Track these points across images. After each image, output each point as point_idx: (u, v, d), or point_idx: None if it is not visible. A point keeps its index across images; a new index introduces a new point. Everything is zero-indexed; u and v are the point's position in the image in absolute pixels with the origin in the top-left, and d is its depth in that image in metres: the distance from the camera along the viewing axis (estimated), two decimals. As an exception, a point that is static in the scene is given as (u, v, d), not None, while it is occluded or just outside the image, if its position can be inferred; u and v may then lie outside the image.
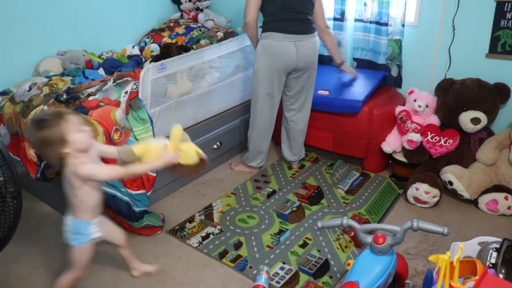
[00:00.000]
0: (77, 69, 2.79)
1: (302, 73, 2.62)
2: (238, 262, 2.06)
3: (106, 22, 3.22)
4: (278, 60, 2.51)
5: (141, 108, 2.25)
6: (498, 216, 2.39)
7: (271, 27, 2.49)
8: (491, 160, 2.44)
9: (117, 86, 2.35)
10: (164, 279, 1.97)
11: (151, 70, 2.29)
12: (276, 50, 2.49)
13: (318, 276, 1.97)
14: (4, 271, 2.04)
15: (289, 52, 2.49)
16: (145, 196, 2.29)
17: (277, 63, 2.51)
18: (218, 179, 2.83)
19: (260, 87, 2.60)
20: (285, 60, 2.51)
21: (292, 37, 2.47)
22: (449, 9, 2.64)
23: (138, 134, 2.23)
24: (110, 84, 2.34)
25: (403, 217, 2.40)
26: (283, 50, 2.49)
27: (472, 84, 2.51)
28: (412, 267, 2.00)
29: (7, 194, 1.68)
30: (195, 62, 2.60)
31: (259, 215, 2.43)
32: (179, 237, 2.25)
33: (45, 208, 2.53)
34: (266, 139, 2.80)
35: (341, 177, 2.80)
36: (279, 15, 2.47)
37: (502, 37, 2.51)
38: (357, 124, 2.72)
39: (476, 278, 1.42)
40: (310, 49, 2.56)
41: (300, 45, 2.50)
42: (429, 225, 1.43)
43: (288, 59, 2.51)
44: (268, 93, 2.61)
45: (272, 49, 2.50)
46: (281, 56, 2.50)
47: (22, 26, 2.75)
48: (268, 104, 2.66)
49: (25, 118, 2.27)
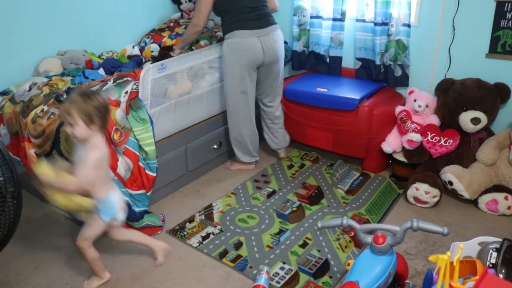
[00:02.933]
0: (77, 69, 2.79)
1: (270, 66, 2.69)
2: (238, 262, 2.06)
3: (106, 22, 3.21)
4: (246, 56, 2.56)
5: (141, 108, 2.25)
6: (498, 216, 2.39)
7: (232, 26, 2.55)
8: (491, 160, 2.43)
9: (117, 86, 2.35)
10: (164, 279, 1.97)
11: (151, 70, 2.29)
12: (242, 47, 2.54)
13: (318, 276, 1.97)
14: (4, 271, 2.04)
15: (255, 48, 2.55)
16: (145, 196, 2.30)
17: (245, 60, 2.56)
18: (218, 179, 2.83)
19: (233, 86, 2.64)
20: (252, 56, 2.56)
21: (255, 33, 2.54)
22: (449, 9, 2.64)
23: (138, 134, 2.23)
24: (110, 84, 2.34)
25: (403, 217, 2.40)
26: (248, 47, 2.54)
27: (472, 84, 2.51)
28: (412, 267, 2.00)
29: (7, 194, 1.69)
30: (195, 62, 2.60)
31: (259, 215, 2.43)
32: (179, 237, 2.25)
33: (45, 208, 2.53)
34: (251, 133, 2.83)
35: (341, 177, 2.80)
36: (237, 15, 2.54)
37: (502, 37, 2.51)
38: (357, 124, 2.72)
39: (476, 278, 1.42)
40: (275, 42, 2.63)
41: (265, 40, 2.57)
42: (429, 225, 1.43)
43: (254, 54, 2.57)
44: (242, 91, 2.65)
45: (238, 47, 2.54)
46: (247, 52, 2.55)
47: (22, 26, 2.75)
48: (243, 102, 2.70)
49: (25, 118, 2.27)
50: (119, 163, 2.18)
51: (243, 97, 2.68)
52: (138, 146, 2.24)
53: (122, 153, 2.21)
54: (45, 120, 2.22)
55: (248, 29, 2.53)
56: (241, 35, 2.53)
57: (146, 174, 2.27)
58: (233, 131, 2.81)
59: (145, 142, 2.24)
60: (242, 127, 2.78)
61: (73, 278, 1.99)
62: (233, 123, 2.78)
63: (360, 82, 3.00)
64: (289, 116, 3.02)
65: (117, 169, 2.17)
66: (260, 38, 2.55)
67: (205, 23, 2.66)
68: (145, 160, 2.27)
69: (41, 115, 2.25)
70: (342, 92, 2.81)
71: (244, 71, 2.59)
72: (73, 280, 1.97)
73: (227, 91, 2.68)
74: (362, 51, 3.01)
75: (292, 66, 3.36)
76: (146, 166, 2.28)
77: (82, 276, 1.99)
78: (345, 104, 2.72)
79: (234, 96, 2.67)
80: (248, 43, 2.53)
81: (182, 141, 2.62)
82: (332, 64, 3.16)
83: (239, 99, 2.68)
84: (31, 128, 2.23)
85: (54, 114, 2.22)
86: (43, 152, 2.22)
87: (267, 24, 2.59)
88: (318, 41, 3.14)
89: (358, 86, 2.92)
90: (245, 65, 2.58)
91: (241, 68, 2.58)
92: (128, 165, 2.22)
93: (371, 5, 2.86)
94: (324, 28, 3.10)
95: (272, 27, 2.61)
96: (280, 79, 2.85)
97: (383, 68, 2.94)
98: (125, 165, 2.21)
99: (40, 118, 2.24)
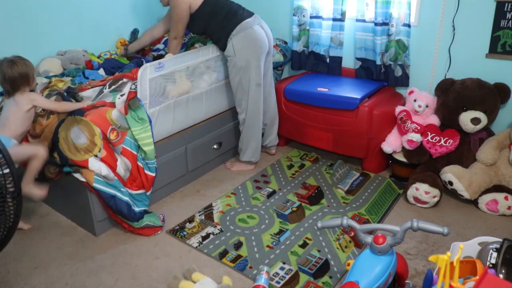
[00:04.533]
0: (77, 69, 2.79)
1: (269, 55, 2.74)
2: (238, 262, 2.06)
3: (106, 22, 3.21)
4: (258, 46, 2.59)
5: (140, 107, 2.25)
6: (498, 216, 2.39)
7: (233, 23, 2.57)
8: (491, 160, 2.43)
9: (112, 92, 2.35)
10: (164, 279, 1.97)
11: (148, 69, 2.29)
12: (254, 36, 2.58)
13: (318, 276, 1.97)
14: (4, 271, 2.04)
15: (262, 35, 2.62)
16: (145, 195, 2.30)
17: (258, 49, 2.60)
18: (218, 179, 2.83)
19: (252, 80, 2.65)
20: (263, 43, 2.62)
21: (254, 21, 2.59)
22: (449, 9, 2.64)
23: (137, 134, 2.23)
24: (107, 91, 2.34)
25: (403, 217, 2.40)
26: (259, 35, 2.59)
27: (472, 84, 2.51)
28: (412, 267, 2.00)
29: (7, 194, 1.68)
30: (193, 61, 2.59)
31: (259, 215, 2.43)
32: (179, 237, 2.25)
33: (45, 208, 2.53)
34: (260, 129, 2.86)
35: (341, 177, 2.80)
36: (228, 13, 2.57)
37: (502, 37, 2.51)
38: (357, 124, 2.72)
39: (476, 278, 1.42)
40: (268, 29, 2.70)
41: (263, 26, 2.64)
42: (429, 225, 1.43)
43: (264, 41, 2.63)
44: (257, 84, 2.67)
45: (250, 37, 2.57)
46: (259, 40, 2.60)
47: (23, 25, 2.75)
48: (260, 95, 2.72)
49: None
50: (118, 163, 2.18)
51: (259, 90, 2.70)
52: (135, 145, 2.24)
53: (120, 153, 2.21)
54: (45, 120, 2.22)
55: (248, 19, 2.56)
56: (248, 25, 2.54)
57: (145, 174, 2.27)
58: (251, 129, 2.79)
59: (144, 142, 2.24)
60: (260, 123, 2.81)
61: (73, 278, 1.99)
62: (252, 120, 2.76)
63: (361, 82, 3.00)
64: (289, 116, 3.02)
65: (117, 169, 2.17)
66: (259, 25, 2.61)
67: (183, 33, 2.70)
68: (144, 160, 2.27)
69: (42, 114, 2.25)
70: (342, 91, 2.81)
71: (259, 61, 2.62)
72: (73, 280, 1.97)
73: (246, 86, 2.66)
74: (362, 51, 3.01)
75: (292, 66, 3.36)
76: (145, 166, 2.28)
77: (82, 276, 1.99)
78: (346, 104, 2.71)
79: (252, 91, 2.67)
80: (258, 31, 2.58)
81: (182, 141, 2.62)
82: (332, 64, 3.16)
83: (257, 92, 2.69)
84: (31, 128, 2.23)
85: (53, 113, 2.22)
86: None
87: (253, 12, 2.66)
88: (318, 41, 3.14)
89: (359, 85, 2.92)
90: (259, 55, 2.61)
91: (257, 60, 2.60)
92: (126, 165, 2.22)
93: (371, 5, 2.86)
94: (324, 28, 3.10)
95: (257, 15, 2.67)
96: (271, 75, 2.89)
97: (384, 68, 2.94)
98: (124, 165, 2.21)
99: (41, 117, 2.24)
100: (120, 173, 2.19)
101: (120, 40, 3.28)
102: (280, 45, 3.28)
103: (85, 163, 2.07)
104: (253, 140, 2.83)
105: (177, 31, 2.65)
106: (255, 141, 2.84)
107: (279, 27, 3.38)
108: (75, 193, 2.24)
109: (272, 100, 2.96)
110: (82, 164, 2.07)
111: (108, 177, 2.11)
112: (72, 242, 2.23)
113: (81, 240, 2.25)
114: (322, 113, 2.84)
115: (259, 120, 2.80)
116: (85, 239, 2.26)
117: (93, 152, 2.09)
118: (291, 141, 3.27)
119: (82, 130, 2.09)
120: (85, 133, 2.08)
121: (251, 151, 2.86)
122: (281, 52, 3.24)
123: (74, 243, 2.23)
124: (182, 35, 2.71)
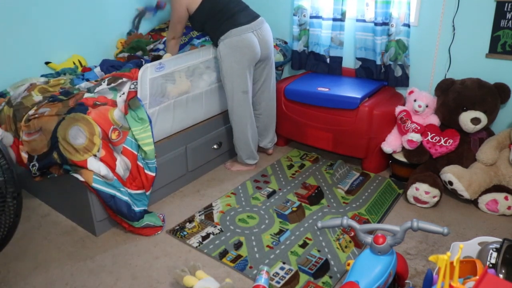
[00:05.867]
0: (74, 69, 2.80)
1: (265, 61, 2.71)
2: (238, 262, 2.06)
3: (106, 22, 3.21)
4: (246, 54, 2.55)
5: (139, 107, 2.25)
6: (498, 216, 2.39)
7: (224, 28, 2.54)
8: (491, 160, 2.43)
9: (112, 89, 2.35)
10: (164, 279, 1.97)
11: (149, 69, 2.29)
12: (242, 45, 2.54)
13: (318, 276, 1.97)
14: (4, 271, 2.04)
15: (253, 43, 2.57)
16: (145, 195, 2.30)
17: (245, 57, 2.56)
18: (218, 179, 2.83)
19: (235, 87, 2.63)
20: (252, 52, 2.57)
21: (249, 28, 2.55)
22: (449, 9, 2.64)
23: (137, 134, 2.23)
24: (104, 86, 2.33)
25: (403, 217, 2.40)
26: (247, 43, 2.54)
27: (472, 84, 2.51)
28: (412, 267, 2.00)
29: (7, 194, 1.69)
30: (193, 61, 2.59)
31: (259, 215, 2.43)
32: (179, 237, 2.25)
33: (45, 208, 2.53)
34: (253, 132, 2.83)
35: (341, 177, 2.80)
36: (224, 15, 2.55)
37: (502, 37, 2.51)
38: (357, 124, 2.72)
39: (476, 278, 1.42)
40: (268, 35, 2.67)
41: (259, 34, 2.59)
42: (429, 225, 1.43)
43: (254, 50, 2.58)
44: (244, 91, 2.65)
45: (237, 45, 2.54)
46: (248, 49, 2.55)
47: (22, 27, 2.75)
48: (245, 101, 2.70)
49: (20, 120, 2.26)
50: (117, 163, 2.18)
51: (245, 97, 2.67)
52: (136, 145, 2.24)
53: (120, 152, 2.21)
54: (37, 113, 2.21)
55: (243, 25, 2.53)
56: (238, 32, 2.52)
57: (145, 173, 2.28)
58: (238, 133, 2.78)
59: (144, 141, 2.24)
60: (247, 128, 2.77)
61: (73, 278, 1.99)
62: (238, 125, 2.76)
63: (361, 81, 3.00)
64: (289, 116, 3.02)
65: (116, 169, 2.17)
66: (255, 32, 2.57)
67: (181, 32, 2.72)
68: (144, 159, 2.27)
69: (35, 117, 2.23)
70: (343, 91, 2.80)
71: (245, 69, 2.59)
72: (73, 280, 1.97)
73: (230, 92, 2.66)
74: (362, 51, 3.01)
75: (292, 66, 3.36)
76: (145, 165, 2.28)
77: (82, 276, 2.00)
78: (346, 103, 2.71)
79: (237, 97, 2.66)
80: (246, 40, 2.53)
81: (182, 141, 2.62)
82: (333, 64, 3.16)
83: (242, 99, 2.67)
84: (25, 129, 2.22)
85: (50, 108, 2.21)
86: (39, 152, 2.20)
87: (256, 17, 2.62)
88: (318, 41, 3.14)
89: (359, 85, 2.92)
90: (246, 63, 2.57)
91: (242, 67, 2.57)
92: (126, 165, 2.22)
93: (371, 5, 2.86)
94: (324, 28, 3.10)
95: (260, 20, 2.64)
96: (273, 78, 2.86)
97: (384, 68, 2.94)
98: (123, 165, 2.21)
99: (34, 119, 2.22)
100: (120, 173, 2.19)
101: (121, 41, 3.29)
102: (280, 45, 3.28)
103: (84, 163, 2.07)
104: (243, 144, 2.82)
105: (175, 31, 2.68)
106: (245, 145, 2.82)
107: (279, 27, 3.39)
108: (75, 193, 2.24)
109: (272, 105, 2.94)
110: (81, 164, 2.07)
111: (107, 177, 2.11)
112: (72, 242, 2.23)
113: (81, 240, 2.25)
114: (322, 113, 2.84)
115: (246, 126, 2.76)
116: (85, 239, 2.26)
117: (92, 151, 2.09)
118: (291, 141, 3.27)
119: (82, 129, 2.08)
120: (84, 132, 2.08)
121: (245, 154, 2.86)
122: (281, 52, 3.25)
123: (74, 243, 2.23)
124: (180, 36, 2.75)
